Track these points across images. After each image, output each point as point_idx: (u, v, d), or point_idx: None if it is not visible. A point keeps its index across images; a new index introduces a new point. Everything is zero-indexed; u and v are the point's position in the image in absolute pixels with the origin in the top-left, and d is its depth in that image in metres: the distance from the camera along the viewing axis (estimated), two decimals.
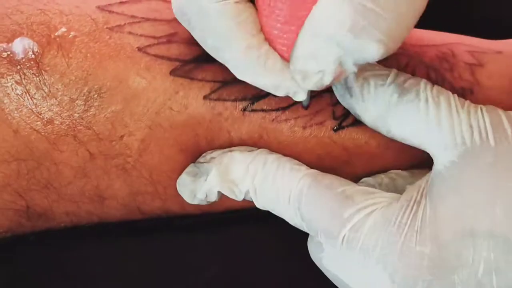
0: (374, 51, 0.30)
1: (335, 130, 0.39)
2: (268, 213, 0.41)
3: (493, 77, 0.41)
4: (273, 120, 0.38)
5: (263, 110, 0.38)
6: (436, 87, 0.35)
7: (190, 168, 0.38)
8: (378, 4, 0.29)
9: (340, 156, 0.39)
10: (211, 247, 0.43)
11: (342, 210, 0.34)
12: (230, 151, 0.37)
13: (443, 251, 0.32)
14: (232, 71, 0.34)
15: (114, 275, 0.42)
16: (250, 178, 0.36)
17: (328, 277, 0.37)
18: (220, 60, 0.34)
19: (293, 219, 0.36)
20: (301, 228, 0.36)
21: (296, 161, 0.37)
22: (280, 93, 0.34)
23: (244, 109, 0.37)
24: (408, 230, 0.33)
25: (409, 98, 0.34)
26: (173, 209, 0.40)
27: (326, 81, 0.32)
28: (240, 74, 0.34)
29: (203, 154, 0.38)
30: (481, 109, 0.34)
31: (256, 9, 0.32)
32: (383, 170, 0.40)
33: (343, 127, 0.39)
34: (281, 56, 0.33)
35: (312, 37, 0.31)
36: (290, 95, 0.34)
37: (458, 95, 0.40)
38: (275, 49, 0.33)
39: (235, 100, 0.37)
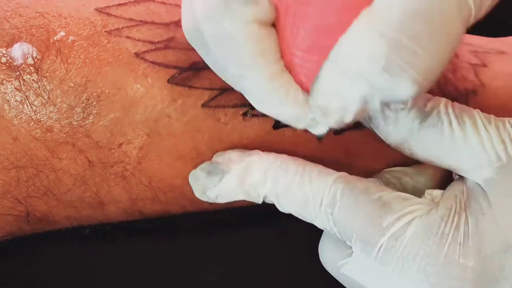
0: (407, 91, 0.28)
1: (335, 134, 0.38)
2: (270, 214, 0.41)
3: (497, 77, 0.40)
4: (274, 124, 0.38)
5: (264, 115, 0.37)
6: (457, 106, 0.34)
7: (205, 165, 0.37)
8: (417, 41, 0.27)
9: (342, 159, 0.39)
10: (213, 249, 0.43)
11: (381, 219, 0.34)
12: (249, 155, 0.37)
13: (486, 265, 0.32)
14: (251, 101, 0.32)
15: (115, 277, 0.42)
16: (271, 183, 0.36)
17: (344, 283, 0.36)
18: (239, 89, 0.32)
19: (324, 224, 0.35)
20: (331, 233, 0.36)
21: (319, 165, 0.36)
22: (300, 126, 0.32)
23: (245, 115, 0.37)
24: (451, 241, 0.33)
25: (431, 122, 0.34)
26: (174, 212, 0.40)
27: (347, 119, 0.30)
28: (259, 104, 0.32)
29: (220, 153, 0.37)
30: (508, 122, 0.34)
31: (277, 34, 0.30)
32: (386, 168, 0.40)
33: (344, 130, 0.38)
34: (301, 87, 0.31)
35: (337, 72, 0.29)
36: (309, 129, 0.33)
37: (462, 97, 0.39)
38: (294, 78, 0.31)
39: (234, 106, 0.37)
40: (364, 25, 0.28)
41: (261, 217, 0.42)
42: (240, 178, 0.36)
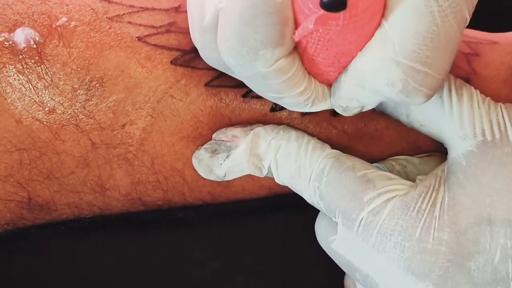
0: (419, 102, 0.32)
1: (334, 115, 0.39)
2: (268, 207, 0.41)
3: (489, 66, 0.41)
4: (271, 108, 0.38)
5: (262, 97, 0.38)
6: (459, 79, 0.36)
7: (209, 145, 0.38)
8: (428, 65, 0.31)
9: (340, 141, 0.39)
10: (213, 241, 0.43)
11: (362, 194, 0.35)
12: (252, 128, 0.38)
13: (460, 238, 0.33)
14: (288, 108, 0.35)
15: (115, 268, 0.42)
16: (272, 152, 0.37)
17: (336, 260, 0.37)
18: (279, 103, 0.35)
19: (311, 198, 0.36)
20: (317, 207, 0.37)
21: (319, 140, 0.38)
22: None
23: (245, 96, 0.38)
24: (427, 216, 0.34)
25: None
26: (174, 200, 0.40)
27: (364, 110, 0.35)
28: (292, 108, 0.35)
29: (223, 130, 0.38)
30: (500, 106, 0.35)
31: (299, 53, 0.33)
32: (383, 155, 0.40)
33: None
34: (322, 83, 0.35)
35: (357, 86, 0.33)
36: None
37: None
38: (318, 80, 0.34)
39: (236, 86, 0.37)
40: (380, 53, 0.31)
41: (260, 210, 0.43)
42: (248, 151, 0.37)
